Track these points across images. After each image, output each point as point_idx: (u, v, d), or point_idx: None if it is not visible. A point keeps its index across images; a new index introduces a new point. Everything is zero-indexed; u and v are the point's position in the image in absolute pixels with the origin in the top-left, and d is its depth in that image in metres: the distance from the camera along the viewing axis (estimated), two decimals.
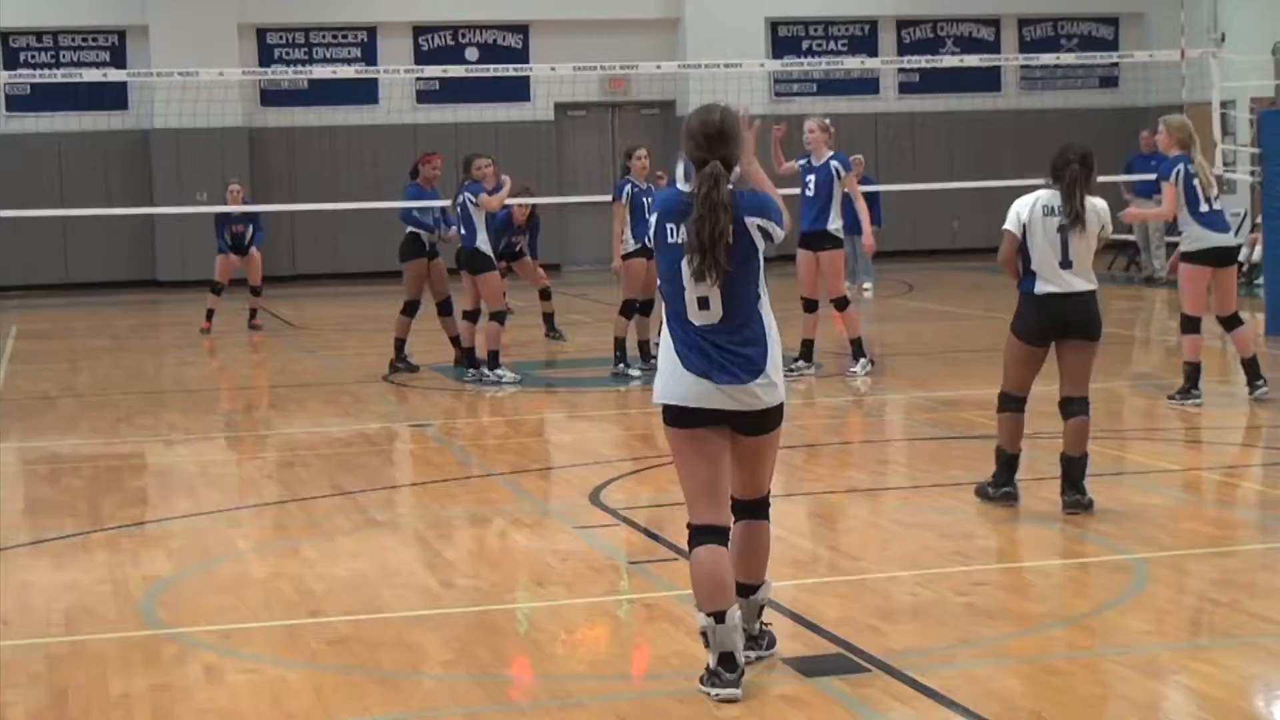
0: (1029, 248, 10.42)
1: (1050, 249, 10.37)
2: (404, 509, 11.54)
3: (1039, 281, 10.39)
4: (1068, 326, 10.42)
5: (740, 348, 7.15)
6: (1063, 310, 10.39)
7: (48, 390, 17.77)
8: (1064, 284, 10.38)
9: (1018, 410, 10.65)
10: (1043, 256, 10.38)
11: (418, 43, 32.84)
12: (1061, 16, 35.16)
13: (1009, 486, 10.62)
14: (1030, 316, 10.47)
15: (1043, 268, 10.38)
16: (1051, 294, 10.37)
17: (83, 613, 8.76)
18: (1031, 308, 10.45)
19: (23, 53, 31.41)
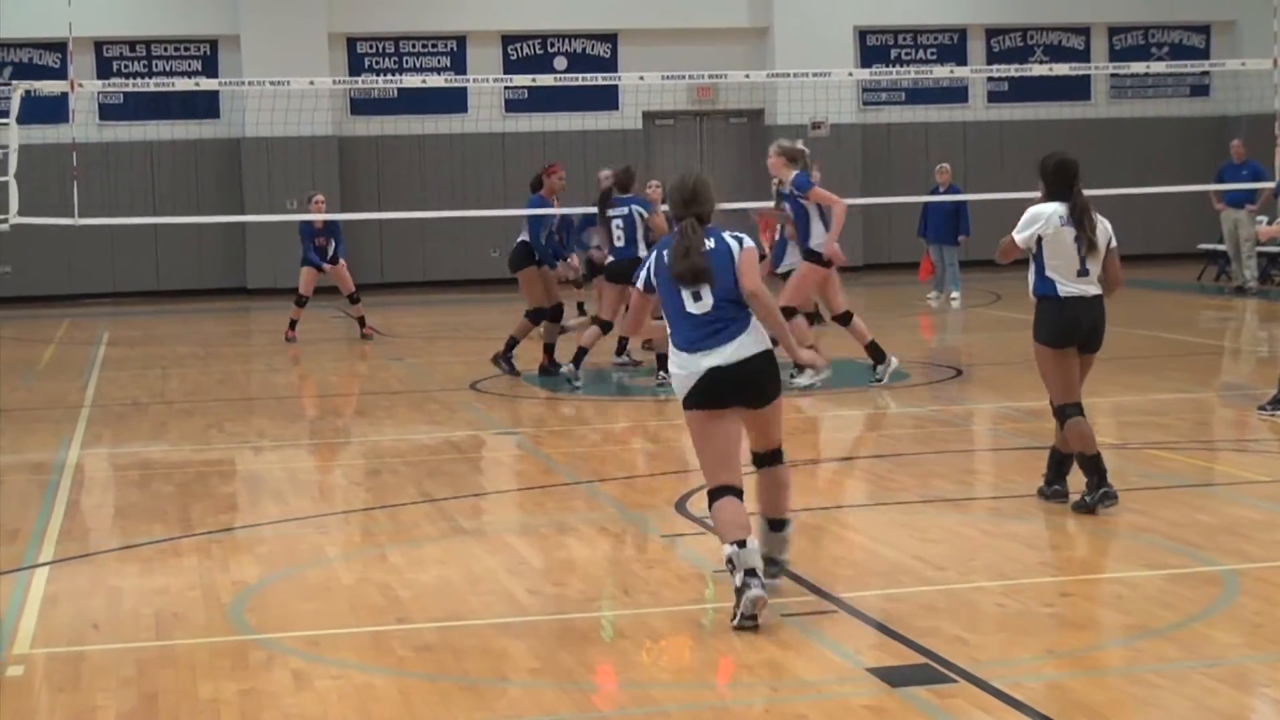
0: (1045, 255, 10.73)
1: (1069, 257, 10.69)
2: (490, 516, 11.58)
3: (1059, 286, 10.69)
4: (1078, 336, 10.73)
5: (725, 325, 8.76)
6: (1084, 313, 10.70)
7: (138, 397, 17.93)
8: (1081, 289, 10.71)
9: (1078, 414, 10.79)
10: (1061, 264, 10.70)
11: (506, 52, 32.93)
12: (1152, 25, 34.92)
13: (1105, 487, 10.65)
14: (1053, 320, 10.72)
15: (1060, 274, 10.70)
16: (1072, 297, 10.67)
17: (172, 618, 8.84)
18: (1053, 310, 10.71)
19: (116, 62, 31.68)
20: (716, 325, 8.73)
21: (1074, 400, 10.79)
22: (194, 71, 31.77)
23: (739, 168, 33.88)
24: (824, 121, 32.13)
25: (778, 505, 9.11)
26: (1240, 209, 26.62)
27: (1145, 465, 12.47)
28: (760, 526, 9.00)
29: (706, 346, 8.72)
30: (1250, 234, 26.60)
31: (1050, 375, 10.84)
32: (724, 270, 8.86)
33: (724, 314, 8.76)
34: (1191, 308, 25.49)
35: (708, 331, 8.74)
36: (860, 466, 13.23)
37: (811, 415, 15.80)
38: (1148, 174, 30.52)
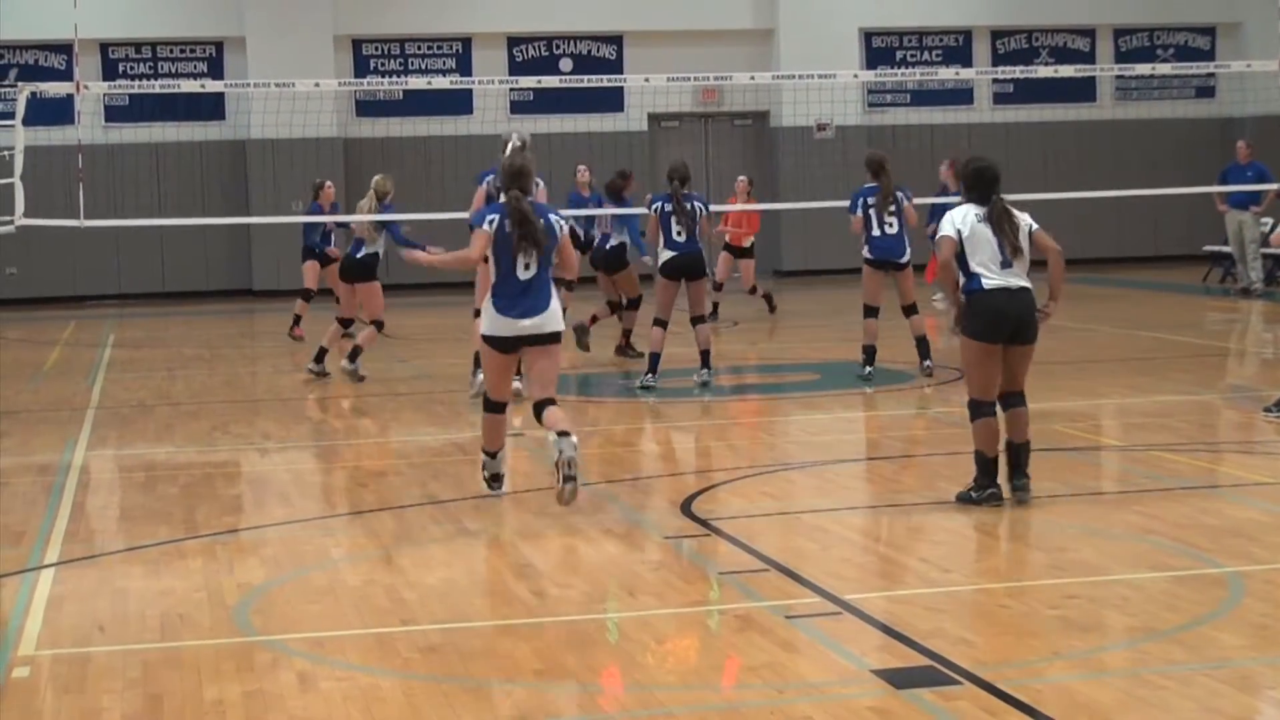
0: (968, 253, 10.86)
1: (990, 250, 10.84)
2: (496, 518, 11.57)
3: (984, 279, 10.82)
4: (1008, 327, 10.81)
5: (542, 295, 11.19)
6: (1010, 305, 10.80)
7: (144, 398, 17.94)
8: (1007, 280, 10.82)
9: (991, 414, 10.96)
10: (984, 258, 10.84)
11: (512, 53, 32.94)
12: (1157, 26, 34.91)
13: (993, 488, 10.91)
14: (982, 314, 10.83)
15: (984, 268, 10.84)
16: (999, 288, 10.79)
17: (178, 619, 8.84)
18: (982, 304, 10.81)
19: (121, 64, 31.70)
20: (537, 291, 11.17)
21: (989, 399, 10.95)
22: (199, 73, 31.79)
23: (744, 169, 33.86)
24: (829, 123, 32.13)
25: (561, 422, 11.07)
26: (1245, 210, 26.61)
27: (1150, 467, 12.46)
28: (551, 438, 11.05)
29: (526, 313, 11.15)
30: (1256, 235, 26.59)
31: (972, 369, 11.01)
32: (550, 248, 11.20)
33: (543, 280, 11.19)
34: (1196, 309, 25.48)
35: (530, 294, 11.17)
36: (866, 468, 13.23)
37: (818, 417, 15.80)
38: (1153, 175, 30.51)
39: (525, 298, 11.16)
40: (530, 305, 11.16)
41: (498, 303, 11.18)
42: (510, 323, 11.15)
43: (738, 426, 14.94)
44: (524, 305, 11.15)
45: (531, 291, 11.17)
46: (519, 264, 11.13)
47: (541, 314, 11.17)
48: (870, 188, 17.60)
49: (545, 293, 11.21)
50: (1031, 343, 10.97)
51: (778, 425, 15.48)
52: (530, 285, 11.16)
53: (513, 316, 11.15)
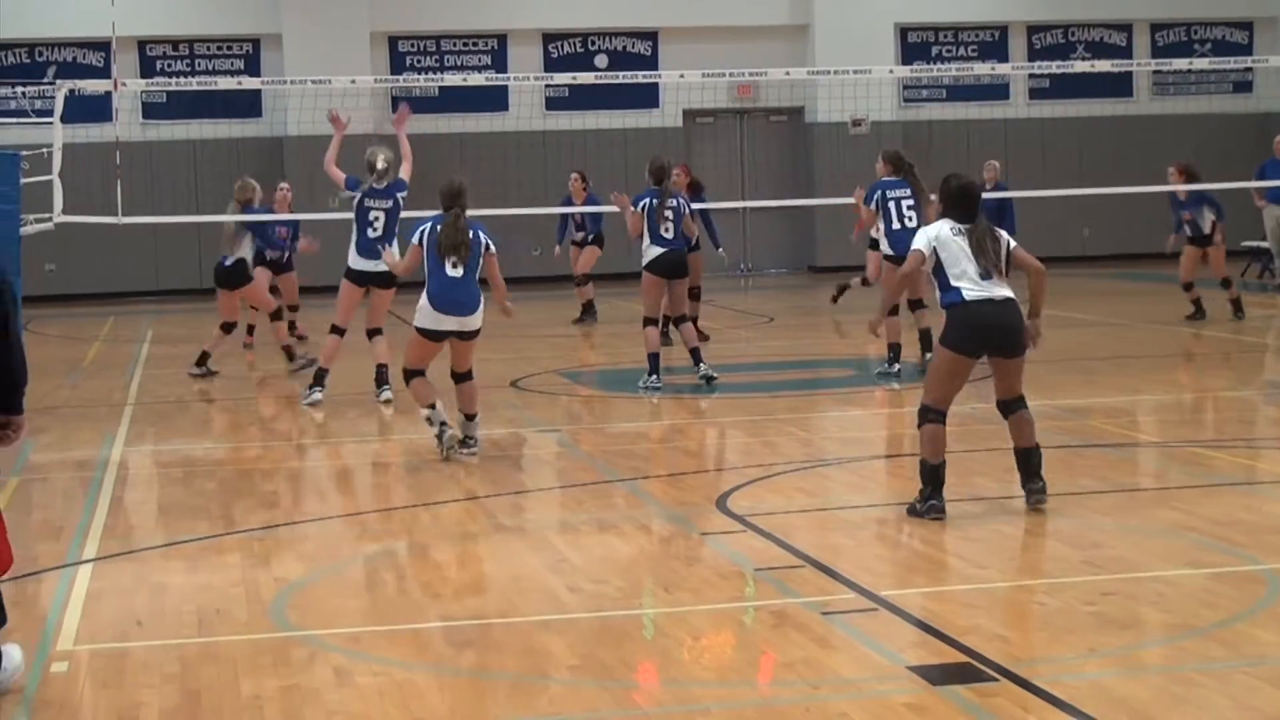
0: (945, 265, 10.54)
1: (967, 261, 10.52)
2: (531, 514, 11.59)
3: (964, 291, 10.50)
4: (996, 338, 10.56)
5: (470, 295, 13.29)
6: (993, 318, 10.50)
7: (182, 394, 18.00)
8: (988, 291, 10.50)
9: (939, 422, 10.72)
10: (961, 269, 10.51)
11: (547, 50, 32.98)
12: (1194, 21, 34.80)
13: (935, 499, 10.63)
14: (960, 325, 10.56)
15: (963, 280, 10.51)
16: (979, 299, 10.48)
17: (215, 615, 8.88)
18: (963, 316, 10.53)
19: (159, 61, 31.81)
20: (464, 291, 13.24)
21: (942, 408, 10.71)
22: (236, 70, 31.89)
23: (779, 165, 33.88)
24: (864, 119, 32.10)
25: (470, 406, 13.49)
26: None
27: (1188, 463, 12.44)
28: (460, 420, 13.48)
29: (452, 311, 13.25)
30: None
31: (938, 377, 10.75)
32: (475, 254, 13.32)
33: (471, 283, 13.26)
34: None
35: (459, 294, 13.24)
36: (900, 464, 13.21)
37: (853, 413, 15.79)
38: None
39: (453, 298, 13.26)
40: (457, 305, 13.30)
41: (432, 300, 13.28)
42: (440, 318, 13.29)
43: (773, 422, 14.93)
44: (451, 304, 13.28)
45: (458, 292, 13.27)
46: (447, 264, 13.26)
47: (468, 314, 13.34)
48: (890, 182, 17.52)
49: (473, 299, 13.37)
50: (1020, 355, 10.68)
51: (813, 421, 15.47)
52: (457, 285, 13.26)
53: (442, 313, 13.28)
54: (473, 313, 13.38)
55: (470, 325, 13.41)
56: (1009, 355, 10.64)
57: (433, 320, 13.34)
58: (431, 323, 13.35)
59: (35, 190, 19.93)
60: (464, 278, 13.32)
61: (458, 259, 13.29)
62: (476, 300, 13.42)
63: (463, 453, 13.37)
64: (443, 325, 13.35)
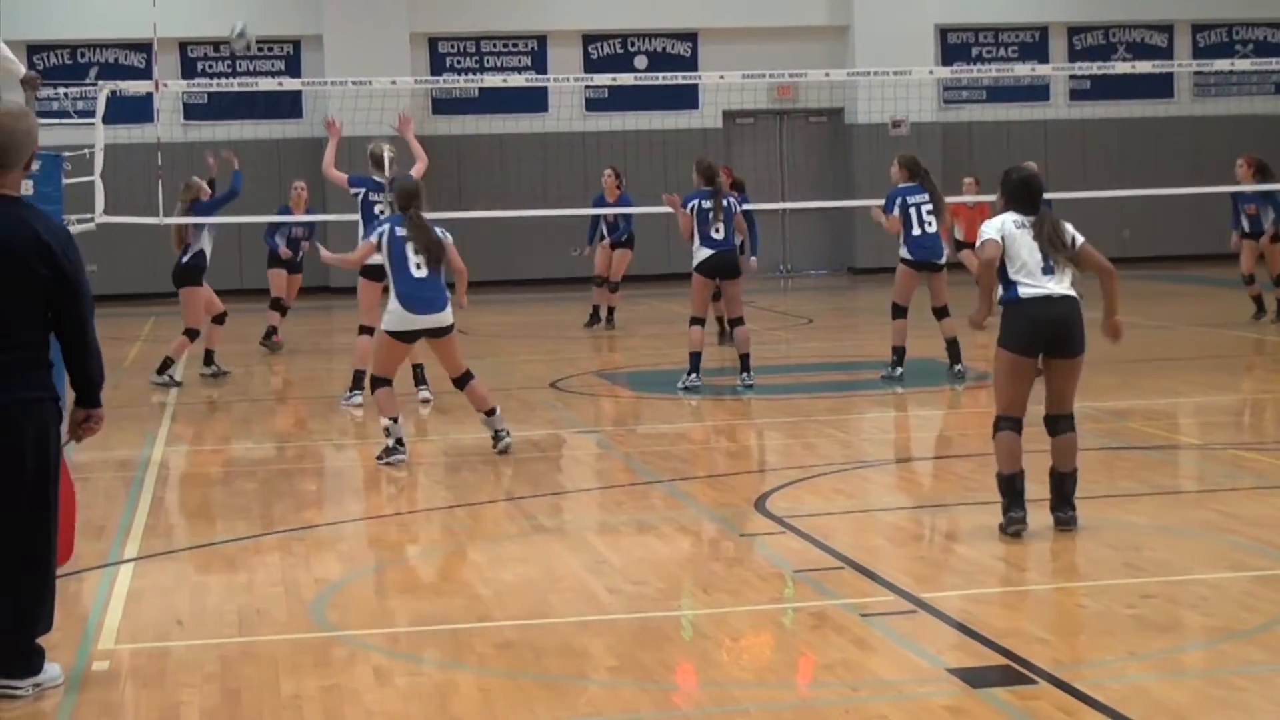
0: (1006, 259, 10.19)
1: (1029, 257, 10.18)
2: (570, 515, 11.61)
3: (1021, 288, 10.15)
4: (1055, 337, 10.16)
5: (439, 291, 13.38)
6: (1049, 315, 10.13)
7: (222, 394, 18.06)
8: (1046, 287, 10.15)
9: (1012, 429, 10.27)
10: (1022, 265, 10.17)
11: (587, 51, 33.01)
12: (1236, 22, 34.68)
13: (1013, 511, 10.21)
14: (1018, 324, 10.17)
15: (1023, 275, 10.16)
16: (1037, 297, 10.12)
17: (255, 614, 8.90)
18: (1018, 314, 10.17)
19: (200, 62, 31.93)
20: (433, 288, 13.28)
21: (1014, 415, 10.27)
22: (277, 71, 31.99)
23: (819, 166, 33.86)
24: (904, 120, 32.06)
25: (483, 403, 13.59)
26: None
27: (1229, 466, 12.39)
28: (482, 420, 13.67)
29: (423, 310, 13.22)
30: None
31: (1001, 381, 10.32)
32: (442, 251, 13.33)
33: (437, 281, 13.31)
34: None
35: (427, 292, 13.25)
36: (941, 466, 13.20)
37: (893, 415, 15.77)
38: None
39: (422, 296, 13.27)
40: (428, 303, 13.28)
41: (402, 301, 13.27)
42: (412, 318, 13.28)
43: (813, 424, 14.92)
44: (422, 303, 13.26)
45: (427, 290, 13.31)
46: (411, 265, 13.29)
47: (438, 311, 13.33)
48: (907, 188, 17.50)
49: (441, 296, 13.41)
50: (1075, 356, 10.27)
51: (853, 423, 15.45)
52: (425, 284, 13.31)
53: (413, 312, 13.26)
54: (443, 309, 13.42)
55: (443, 321, 13.42)
56: (1063, 355, 10.22)
57: (405, 321, 13.33)
58: (403, 324, 13.35)
59: (77, 191, 19.97)
60: (429, 276, 13.37)
61: (427, 258, 13.36)
62: (445, 297, 13.51)
63: (498, 449, 13.52)
64: (415, 325, 13.35)
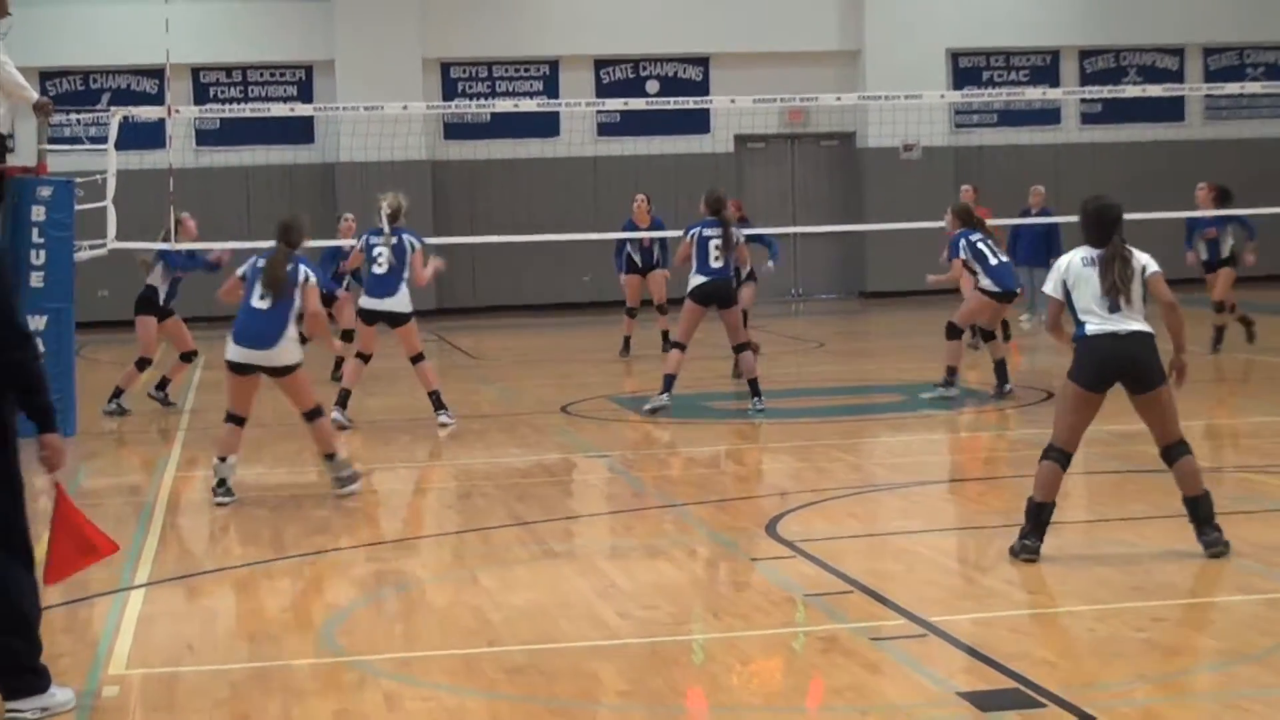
0: (1073, 297, 10.21)
1: (1094, 296, 10.16)
2: (581, 539, 11.61)
3: (1089, 325, 10.15)
4: (1124, 373, 10.12)
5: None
6: (1119, 351, 10.09)
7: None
8: (1113, 324, 10.11)
9: (1057, 461, 10.22)
10: (1088, 303, 10.17)
11: (599, 75, 33.07)
12: (1247, 45, 34.70)
13: (1029, 539, 10.16)
14: (1087, 360, 10.15)
15: (1090, 314, 10.16)
16: (1104, 333, 10.10)
17: (266, 639, 8.91)
18: (1087, 351, 10.15)
19: (212, 88, 32.03)
20: (267, 323, 12.84)
21: (1062, 446, 10.24)
22: (289, 97, 32.08)
23: (830, 190, 33.89)
24: (916, 144, 32.09)
25: (322, 444, 13.16)
26: None
27: (1238, 489, 12.37)
28: (322, 461, 13.22)
29: (247, 343, 12.84)
30: None
31: (1062, 410, 10.33)
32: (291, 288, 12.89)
33: (276, 317, 12.84)
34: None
35: (260, 326, 12.85)
36: (952, 489, 13.20)
37: (904, 439, 15.77)
38: (1243, 195, 30.20)
39: (251, 329, 12.90)
40: (254, 336, 12.89)
41: (234, 333, 13.00)
42: (240, 350, 12.93)
43: (823, 448, 14.92)
44: (248, 336, 12.91)
45: (260, 324, 12.89)
46: (254, 296, 12.99)
47: (265, 348, 12.85)
48: (965, 231, 17.64)
49: (276, 331, 12.90)
50: (1152, 389, 10.14)
51: (863, 447, 15.46)
52: (259, 317, 12.91)
53: (236, 343, 12.95)
54: (272, 346, 12.84)
55: (273, 360, 12.90)
56: (1139, 391, 10.17)
57: (233, 353, 12.99)
58: (233, 355, 13.00)
59: (89, 216, 20.05)
60: (270, 310, 12.92)
61: (268, 293, 12.95)
62: (279, 334, 12.89)
63: (338, 493, 13.11)
64: (243, 359, 12.92)
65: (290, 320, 12.99)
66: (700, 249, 17.02)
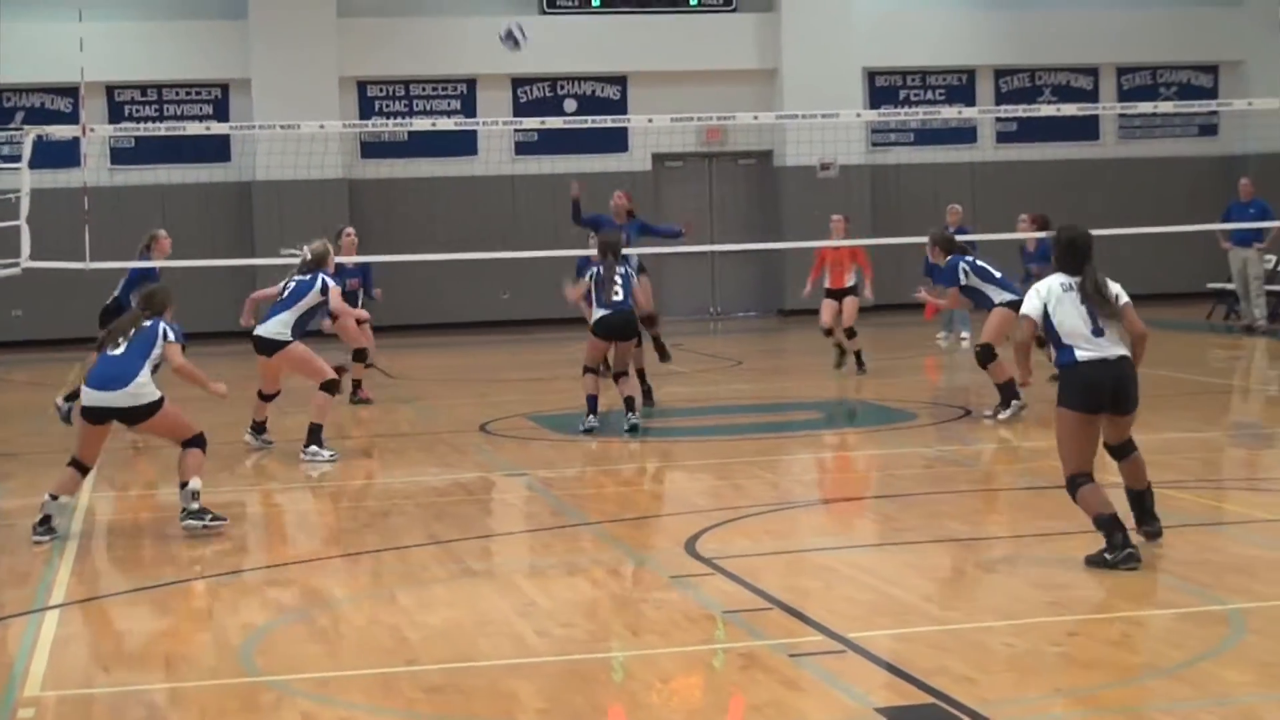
0: (1056, 325, 10.48)
1: (1080, 320, 10.46)
2: (500, 558, 11.59)
3: (1078, 351, 10.42)
4: (1110, 398, 10.42)
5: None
6: (1106, 375, 10.39)
7: (149, 439, 17.93)
8: (1100, 350, 10.42)
9: (1090, 482, 10.46)
10: (1073, 328, 10.45)
11: (516, 94, 33.05)
12: (1160, 65, 35.00)
13: (1130, 548, 10.28)
14: (1074, 386, 10.43)
15: (1075, 338, 10.44)
16: (1092, 359, 10.39)
17: (181, 660, 8.86)
18: (1076, 377, 10.42)
19: (127, 106, 31.82)
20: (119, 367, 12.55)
21: (1085, 470, 10.47)
22: (205, 115, 31.90)
23: (748, 208, 33.96)
24: (833, 162, 32.22)
25: (182, 472, 12.66)
26: (1248, 248, 26.66)
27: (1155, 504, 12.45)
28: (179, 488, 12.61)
29: (96, 385, 12.48)
30: (1259, 272, 26.65)
31: (1066, 442, 10.52)
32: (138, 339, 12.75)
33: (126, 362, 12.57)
34: (1201, 346, 25.48)
35: (112, 370, 12.51)
36: (869, 507, 13.25)
37: (822, 456, 15.81)
38: (1156, 213, 30.50)
39: (104, 373, 12.54)
40: (103, 379, 12.54)
41: (88, 378, 12.68)
42: (92, 394, 12.53)
43: (741, 465, 14.95)
44: (97, 379, 12.56)
45: (113, 368, 12.55)
46: (109, 345, 12.73)
47: (113, 390, 12.46)
48: (958, 257, 17.72)
49: (127, 374, 12.55)
50: (1132, 412, 10.57)
51: (781, 464, 15.50)
52: (112, 362, 12.60)
53: (88, 385, 12.58)
54: (122, 387, 12.45)
55: (119, 403, 12.49)
56: (1123, 413, 10.54)
57: (86, 396, 12.58)
58: (86, 399, 12.59)
59: (3, 235, 19.92)
60: (122, 355, 12.63)
61: (117, 341, 12.71)
62: (130, 377, 12.48)
63: (184, 527, 12.50)
64: (96, 401, 12.50)
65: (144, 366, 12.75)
66: (598, 288, 17.23)
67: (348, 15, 32.09)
